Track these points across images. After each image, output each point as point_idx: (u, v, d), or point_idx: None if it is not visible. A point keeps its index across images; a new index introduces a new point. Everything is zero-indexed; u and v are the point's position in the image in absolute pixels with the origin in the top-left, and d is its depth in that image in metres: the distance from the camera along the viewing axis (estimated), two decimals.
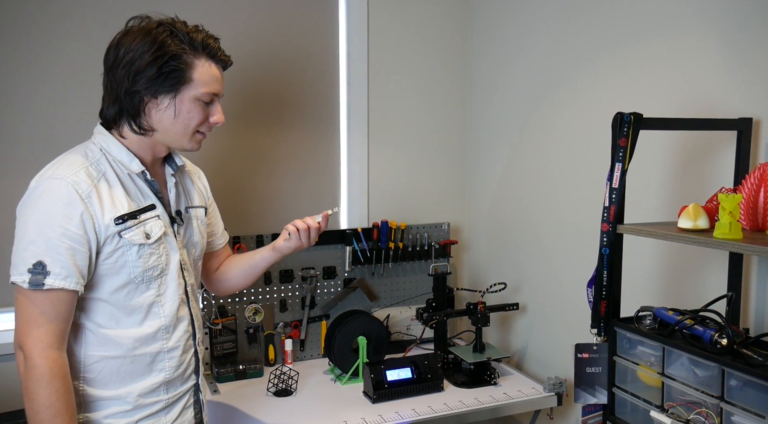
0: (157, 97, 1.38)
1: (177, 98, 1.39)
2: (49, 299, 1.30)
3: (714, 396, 1.32)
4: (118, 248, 1.36)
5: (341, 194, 2.57)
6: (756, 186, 1.36)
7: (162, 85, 1.37)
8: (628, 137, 1.48)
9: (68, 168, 1.35)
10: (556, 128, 2.22)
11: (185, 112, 1.41)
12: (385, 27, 2.55)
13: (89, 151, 1.41)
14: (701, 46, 1.67)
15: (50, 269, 1.29)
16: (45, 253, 1.29)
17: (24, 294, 1.30)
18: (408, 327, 2.53)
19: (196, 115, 1.43)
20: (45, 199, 1.31)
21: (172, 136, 1.44)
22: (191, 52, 1.39)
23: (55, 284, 1.29)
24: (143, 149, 1.45)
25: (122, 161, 1.41)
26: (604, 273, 1.54)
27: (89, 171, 1.36)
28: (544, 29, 2.26)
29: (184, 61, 1.37)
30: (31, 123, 2.10)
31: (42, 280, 1.28)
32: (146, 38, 1.36)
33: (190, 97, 1.40)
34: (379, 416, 1.90)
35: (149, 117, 1.40)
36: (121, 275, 1.39)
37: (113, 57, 1.38)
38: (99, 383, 1.41)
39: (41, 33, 2.08)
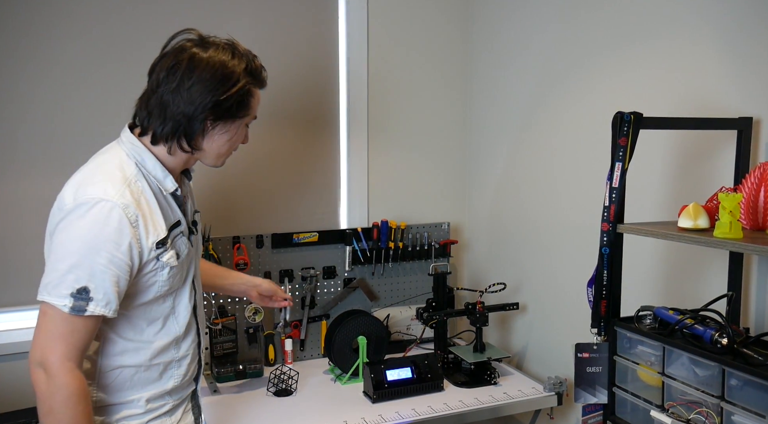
0: (217, 123, 1.40)
1: (234, 124, 1.43)
2: (84, 323, 1.28)
3: (714, 396, 1.32)
4: (154, 268, 1.37)
5: (341, 194, 2.57)
6: (756, 185, 1.36)
7: (228, 114, 1.39)
8: (628, 137, 1.48)
9: (113, 187, 1.31)
10: (556, 128, 2.22)
11: (237, 136, 1.46)
12: (385, 26, 2.55)
13: (125, 165, 1.37)
14: (701, 46, 1.67)
15: (93, 296, 1.27)
16: (90, 279, 1.26)
17: (57, 315, 1.26)
18: (408, 327, 2.53)
19: (242, 137, 1.49)
20: (94, 223, 1.27)
21: (214, 156, 1.46)
22: (256, 84, 1.44)
23: (96, 310, 1.27)
24: (177, 164, 1.44)
25: (157, 178, 1.40)
26: (604, 273, 1.54)
27: (132, 190, 1.33)
28: (544, 29, 2.26)
29: (250, 93, 1.42)
30: (31, 123, 2.10)
31: (85, 306, 1.26)
32: (220, 70, 1.36)
33: (243, 123, 1.46)
34: (379, 415, 1.90)
35: (202, 140, 1.41)
36: (149, 292, 1.39)
37: (178, 79, 1.35)
38: (111, 390, 1.41)
39: (40, 32, 2.08)
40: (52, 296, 1.26)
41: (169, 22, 2.23)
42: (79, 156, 2.13)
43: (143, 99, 1.41)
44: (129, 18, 2.18)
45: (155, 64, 1.40)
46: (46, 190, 2.12)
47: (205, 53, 1.36)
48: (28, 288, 2.09)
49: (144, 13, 2.20)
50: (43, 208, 2.11)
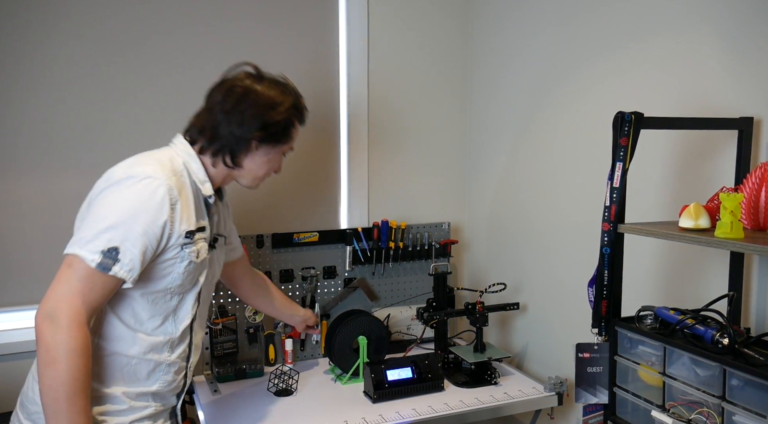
0: (261, 146, 1.57)
1: (274, 149, 1.61)
2: (104, 282, 1.35)
3: (715, 396, 1.32)
4: (174, 257, 1.45)
5: (341, 193, 2.57)
6: (757, 185, 1.35)
7: (272, 138, 1.57)
8: (629, 136, 1.47)
9: (162, 170, 1.43)
10: (556, 128, 2.22)
11: (274, 161, 1.64)
12: (386, 28, 2.55)
13: (175, 162, 1.50)
14: (702, 46, 1.67)
15: (121, 258, 1.35)
16: (122, 241, 1.35)
17: (82, 269, 1.33)
18: (408, 327, 2.52)
19: (277, 164, 1.66)
20: (140, 193, 1.38)
21: (250, 177, 1.62)
22: (299, 118, 1.63)
23: (120, 273, 1.35)
24: (216, 177, 1.59)
25: (199, 179, 1.53)
26: (605, 273, 1.54)
27: (178, 180, 1.46)
28: (544, 29, 2.25)
29: (293, 124, 1.62)
30: (31, 123, 2.10)
31: (111, 265, 1.34)
32: (272, 99, 1.55)
33: (281, 150, 1.64)
34: (379, 415, 1.90)
35: (244, 158, 1.57)
36: (163, 281, 1.47)
37: (232, 104, 1.52)
38: (101, 378, 1.45)
39: (40, 32, 2.08)
40: (84, 250, 1.33)
41: (169, 22, 2.23)
42: (80, 155, 2.16)
43: (199, 116, 1.58)
44: (129, 18, 2.18)
45: (214, 88, 1.58)
46: (46, 189, 2.12)
47: (260, 85, 1.55)
48: (28, 288, 2.11)
49: (144, 14, 2.20)
50: (43, 208, 2.13)
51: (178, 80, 2.26)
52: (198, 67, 2.27)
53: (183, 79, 2.26)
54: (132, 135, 2.22)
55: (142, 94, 2.22)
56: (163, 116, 2.25)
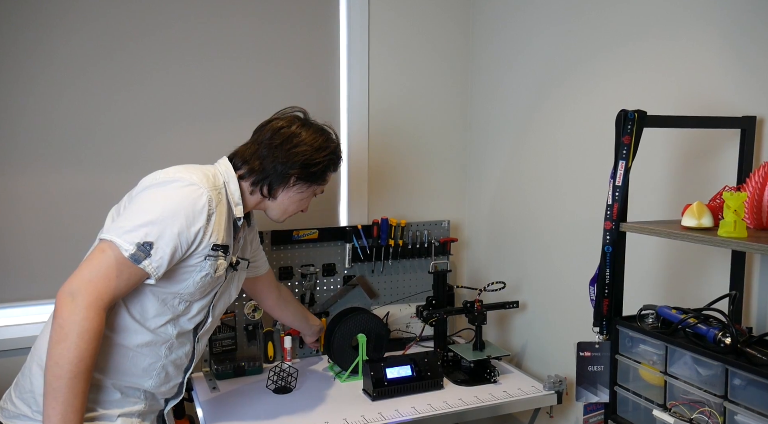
0: (298, 183, 1.66)
1: (308, 189, 1.70)
2: (131, 273, 1.40)
3: (717, 395, 1.31)
4: (196, 264, 1.50)
5: (341, 191, 2.56)
6: (760, 184, 1.35)
7: (309, 177, 1.67)
8: (631, 135, 1.47)
9: (206, 182, 1.51)
10: (557, 126, 2.22)
11: (305, 200, 1.73)
12: (386, 26, 2.54)
13: (217, 178, 1.57)
14: (705, 44, 1.66)
15: (153, 254, 1.40)
16: (158, 238, 1.40)
17: (115, 256, 1.38)
18: (408, 325, 2.52)
19: (306, 204, 1.75)
20: (184, 197, 1.45)
21: (280, 210, 1.70)
22: (336, 163, 1.73)
23: (148, 268, 1.40)
24: (249, 203, 1.67)
25: (234, 201, 1.60)
26: (606, 271, 1.53)
27: (217, 194, 1.53)
28: (545, 28, 2.25)
29: (330, 168, 1.72)
30: (30, 120, 2.09)
31: (143, 259, 1.39)
32: (317, 143, 1.66)
33: (313, 191, 1.73)
34: (378, 413, 1.90)
35: (280, 191, 1.66)
36: (178, 285, 1.51)
37: (280, 141, 1.63)
38: (97, 366, 1.45)
39: (39, 29, 2.07)
40: (121, 238, 1.38)
41: (169, 18, 2.22)
42: (78, 152, 2.15)
43: (246, 147, 1.67)
44: (128, 15, 2.17)
45: (264, 124, 1.70)
46: (44, 186, 2.11)
47: (306, 131, 1.67)
48: (26, 284, 2.10)
49: (143, 11, 2.19)
50: (42, 204, 2.12)
51: (177, 77, 2.25)
52: (197, 64, 2.27)
53: (182, 76, 2.25)
54: (130, 132, 2.21)
55: (141, 91, 2.21)
56: (162, 113, 2.24)
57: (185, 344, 1.63)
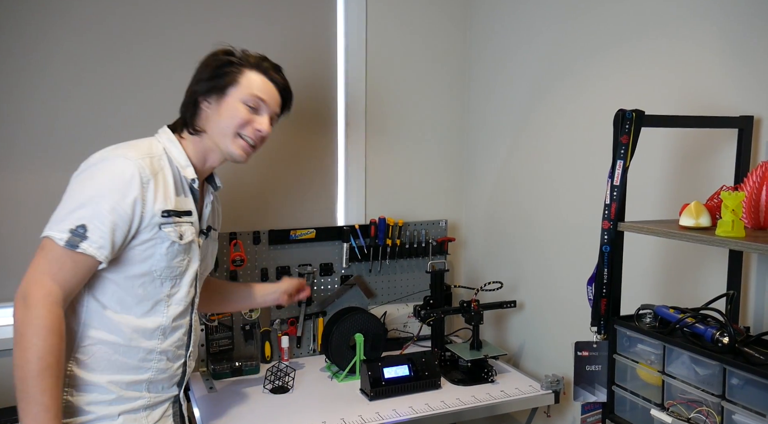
0: (208, 97, 1.55)
1: (224, 98, 1.55)
2: (74, 260, 1.35)
3: (715, 395, 1.31)
4: (153, 237, 1.44)
5: (339, 190, 2.56)
6: (758, 184, 1.35)
7: (213, 85, 1.54)
8: (629, 134, 1.47)
9: (137, 152, 1.45)
10: (554, 126, 2.22)
11: (230, 110, 1.55)
12: (384, 25, 2.53)
13: (154, 146, 1.51)
14: (702, 44, 1.66)
15: (89, 235, 1.35)
16: (90, 219, 1.35)
17: (52, 249, 1.34)
18: (405, 324, 2.52)
19: (239, 115, 1.55)
20: (108, 172, 1.40)
21: (218, 137, 1.56)
22: (243, 64, 1.58)
23: (89, 250, 1.35)
24: (197, 157, 1.58)
25: (180, 164, 1.53)
26: (604, 271, 1.53)
27: (152, 162, 1.46)
28: (543, 26, 2.25)
29: (235, 67, 1.57)
30: (29, 119, 2.08)
31: (78, 242, 1.34)
32: (212, 56, 1.59)
33: (235, 98, 1.55)
34: (376, 413, 1.89)
35: (201, 117, 1.57)
36: (145, 264, 1.45)
37: (194, 75, 1.59)
38: (88, 367, 1.44)
39: (40, 28, 2.06)
40: (53, 231, 1.35)
41: (168, 19, 2.21)
42: (78, 151, 2.11)
43: None
44: (128, 15, 2.16)
45: None
46: (44, 185, 2.11)
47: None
48: None
49: (143, 10, 2.18)
50: (41, 203, 2.11)
51: (177, 75, 2.22)
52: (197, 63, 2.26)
53: (182, 75, 2.23)
54: (131, 131, 2.17)
55: (141, 90, 2.20)
56: (162, 112, 2.20)
57: (180, 327, 1.56)
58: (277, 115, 1.65)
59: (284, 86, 1.64)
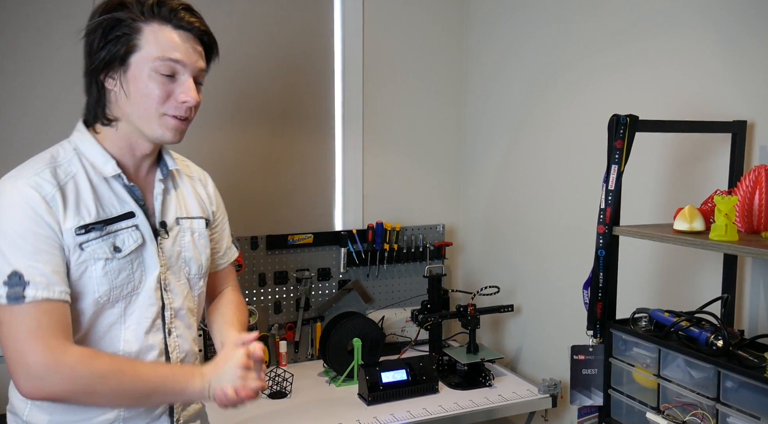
0: (111, 76, 1.21)
1: (129, 73, 1.20)
2: (40, 311, 1.13)
3: (710, 398, 1.32)
4: (81, 262, 1.18)
5: (336, 196, 2.57)
6: (751, 188, 1.36)
7: (110, 59, 1.19)
8: (624, 139, 1.48)
9: (31, 168, 1.19)
10: (551, 130, 2.23)
11: (141, 87, 1.20)
12: (381, 29, 2.55)
13: (62, 150, 1.24)
14: (696, 49, 1.68)
15: (29, 279, 1.12)
16: (18, 262, 1.12)
17: (8, 312, 1.12)
18: (403, 329, 2.52)
19: (154, 90, 1.20)
20: (7, 205, 1.14)
21: (137, 122, 1.23)
22: (137, 16, 1.19)
23: (38, 295, 1.12)
24: (121, 148, 1.26)
25: (95, 163, 1.23)
26: (600, 275, 1.54)
27: (56, 172, 1.19)
28: (538, 31, 2.26)
29: (128, 26, 1.18)
30: (29, 122, 2.08)
31: (21, 292, 1.11)
32: (96, 15, 1.20)
33: (143, 69, 1.19)
34: (374, 418, 1.90)
35: (110, 102, 1.23)
36: (87, 295, 1.20)
37: (84, 50, 1.23)
38: (44, 411, 1.22)
39: (38, 32, 2.07)
40: None
41: None
42: None
43: None
44: None
45: None
46: None
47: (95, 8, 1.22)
48: None
49: None
50: None
51: None
52: None
53: None
54: None
55: None
56: None
57: (150, 349, 1.27)
58: (203, 70, 1.27)
59: (201, 30, 1.25)
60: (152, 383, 1.19)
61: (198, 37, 1.25)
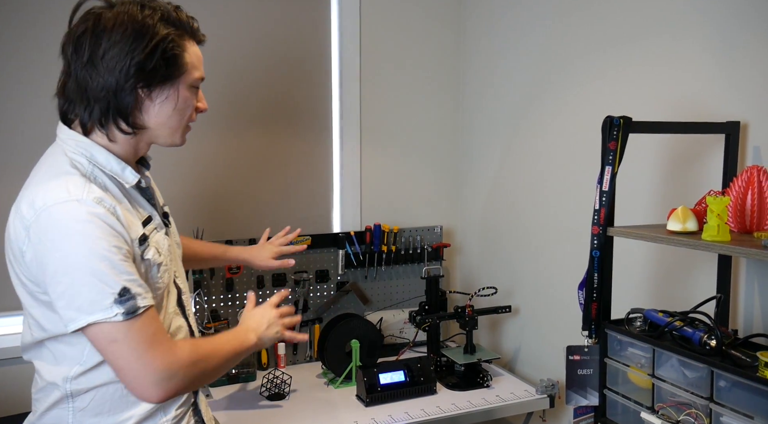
0: (153, 90, 1.22)
1: (173, 88, 1.24)
2: (150, 318, 1.16)
3: (703, 397, 1.33)
4: (144, 270, 1.23)
5: (334, 197, 2.57)
6: (743, 189, 1.37)
7: (159, 76, 1.21)
8: (617, 141, 1.49)
9: (75, 185, 1.14)
10: (547, 131, 2.24)
11: (183, 101, 1.26)
12: (377, 31, 2.56)
13: (77, 164, 1.20)
14: (690, 50, 1.69)
15: (135, 292, 1.14)
16: (119, 278, 1.12)
17: (123, 328, 1.12)
18: (401, 330, 2.53)
19: (192, 104, 1.29)
20: (76, 225, 1.11)
21: (167, 131, 1.28)
22: (181, 33, 1.23)
23: (145, 303, 1.15)
24: (127, 152, 1.26)
25: (114, 171, 1.23)
26: (594, 275, 1.55)
27: (94, 183, 1.18)
28: (535, 32, 2.27)
29: (178, 45, 1.22)
30: (29, 125, 2.09)
31: (135, 304, 1.13)
32: (134, 25, 1.17)
33: (185, 85, 1.26)
34: (372, 419, 1.91)
35: (142, 113, 1.23)
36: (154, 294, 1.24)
37: (89, 49, 1.18)
38: (91, 412, 1.23)
39: (39, 35, 2.08)
40: (95, 315, 1.11)
41: None
42: None
43: (59, 86, 1.26)
44: None
45: (63, 42, 1.23)
46: None
47: (111, 12, 1.18)
48: None
49: None
50: None
51: None
52: None
53: None
54: None
55: None
56: None
57: (179, 331, 1.36)
58: None
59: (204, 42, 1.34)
60: (232, 350, 1.32)
61: None
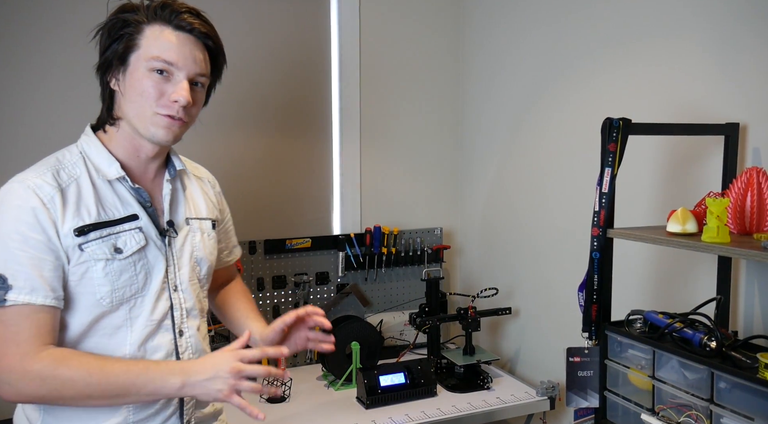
0: (114, 76, 1.25)
1: (127, 71, 1.23)
2: (21, 315, 1.14)
3: (703, 399, 1.33)
4: (81, 263, 1.20)
5: (333, 199, 2.58)
6: (743, 190, 1.37)
7: (111, 56, 1.24)
8: (617, 142, 1.49)
9: (35, 171, 1.21)
10: (547, 133, 2.24)
11: (137, 85, 1.22)
12: (377, 33, 2.56)
13: (68, 153, 1.27)
14: (690, 51, 1.69)
15: (12, 283, 1.14)
16: (4, 265, 1.14)
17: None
18: (401, 332, 2.53)
19: (148, 87, 1.22)
20: (4, 207, 1.17)
21: (134, 120, 1.25)
22: (141, 17, 1.23)
23: (19, 298, 1.14)
24: (127, 150, 1.29)
25: (99, 166, 1.26)
26: (594, 277, 1.55)
27: (59, 174, 1.22)
28: (535, 34, 2.27)
29: (131, 27, 1.22)
30: (29, 126, 2.09)
31: (3, 295, 1.13)
32: (107, 19, 1.27)
33: (139, 68, 1.22)
34: (372, 421, 1.90)
35: (116, 103, 1.28)
36: (88, 296, 1.21)
37: None
38: (58, 418, 1.23)
39: (39, 36, 2.08)
40: None
41: None
42: None
43: None
44: None
45: None
46: None
47: None
48: None
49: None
50: None
51: None
52: None
53: None
54: None
55: None
56: None
57: (157, 350, 1.29)
58: (203, 75, 1.27)
59: (203, 32, 1.26)
60: (122, 384, 1.17)
61: (201, 41, 1.26)
